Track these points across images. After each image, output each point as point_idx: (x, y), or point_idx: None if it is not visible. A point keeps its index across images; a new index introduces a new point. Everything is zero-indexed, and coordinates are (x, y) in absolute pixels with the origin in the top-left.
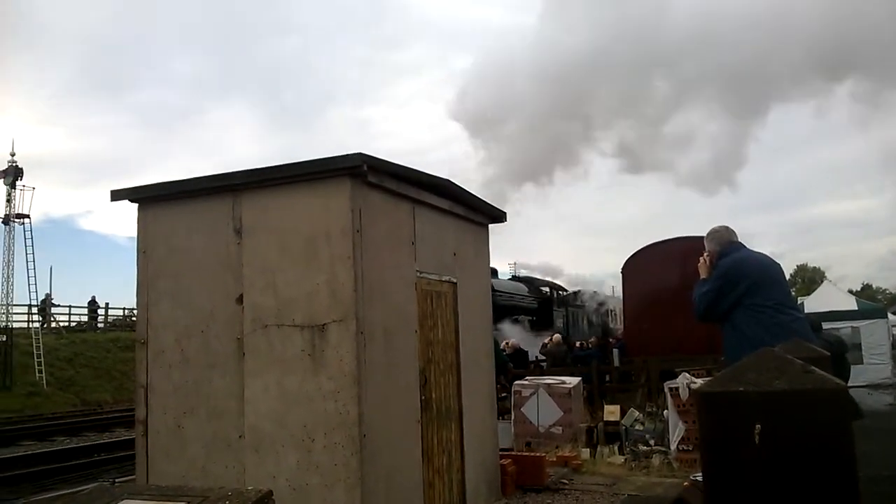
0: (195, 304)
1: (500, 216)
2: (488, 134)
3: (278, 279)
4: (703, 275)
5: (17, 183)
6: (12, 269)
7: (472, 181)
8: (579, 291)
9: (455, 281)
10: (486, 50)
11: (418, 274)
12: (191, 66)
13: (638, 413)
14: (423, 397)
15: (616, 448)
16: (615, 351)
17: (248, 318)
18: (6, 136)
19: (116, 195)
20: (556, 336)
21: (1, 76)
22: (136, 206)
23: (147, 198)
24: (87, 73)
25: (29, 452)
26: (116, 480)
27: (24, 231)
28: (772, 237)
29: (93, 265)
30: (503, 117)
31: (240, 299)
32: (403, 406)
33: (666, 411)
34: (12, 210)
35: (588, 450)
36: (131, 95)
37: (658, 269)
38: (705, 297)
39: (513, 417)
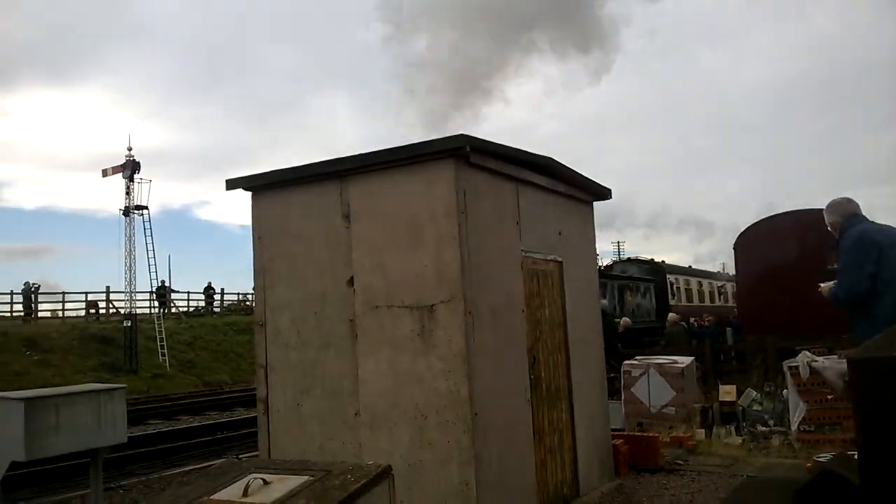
0: (308, 287)
1: (604, 193)
2: None
3: (386, 261)
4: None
5: (135, 176)
6: (134, 258)
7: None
8: (628, 259)
9: (560, 260)
10: None
11: (524, 253)
12: (288, 57)
13: (755, 393)
14: (532, 376)
15: (732, 429)
16: (728, 329)
17: (360, 299)
18: (123, 131)
19: (231, 184)
20: (672, 315)
21: (116, 75)
22: (249, 194)
23: (260, 186)
24: (194, 68)
25: (157, 430)
26: (239, 456)
27: (143, 222)
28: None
29: (208, 253)
30: None
31: (350, 281)
32: (513, 385)
33: (785, 391)
34: (131, 202)
35: (703, 430)
36: (236, 88)
37: (773, 243)
38: (844, 275)
39: (623, 398)
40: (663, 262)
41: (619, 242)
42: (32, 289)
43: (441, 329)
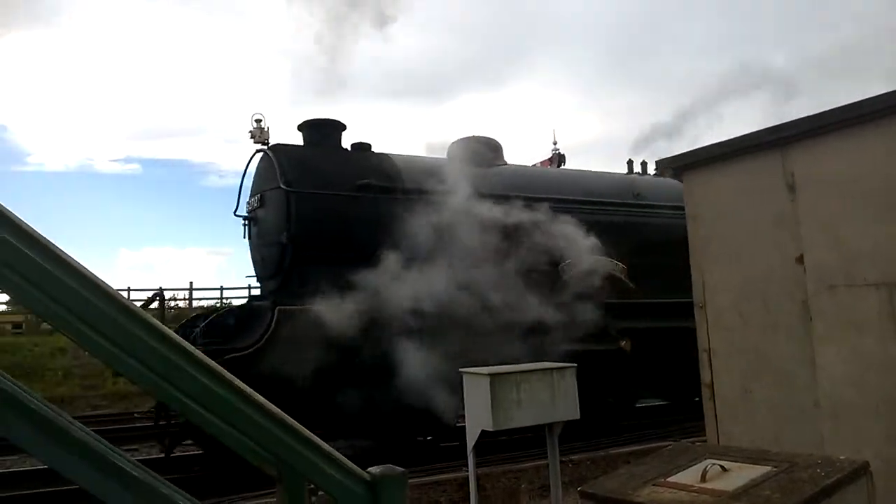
0: (750, 266)
1: None
2: None
3: (843, 235)
4: None
5: (561, 167)
6: None
7: None
8: None
9: None
10: None
11: None
12: (702, 32)
13: None
14: None
15: None
16: None
17: (812, 278)
18: (549, 126)
19: (661, 164)
20: None
21: (545, 71)
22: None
23: (690, 164)
24: (610, 61)
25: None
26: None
27: None
28: None
29: None
30: None
31: (800, 259)
32: None
33: None
34: None
35: None
36: (651, 71)
37: None
38: None
39: None
40: None
41: None
42: None
43: None
